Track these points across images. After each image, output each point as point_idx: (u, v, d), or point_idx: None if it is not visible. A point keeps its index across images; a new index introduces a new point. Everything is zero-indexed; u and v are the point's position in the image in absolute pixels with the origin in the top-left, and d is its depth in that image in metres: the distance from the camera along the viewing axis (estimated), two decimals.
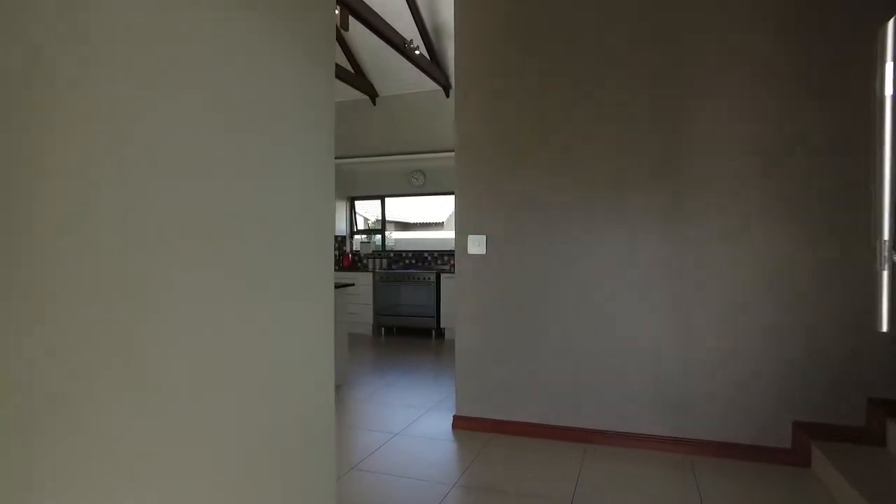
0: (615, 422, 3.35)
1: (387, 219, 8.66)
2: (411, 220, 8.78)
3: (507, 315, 3.54)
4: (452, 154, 7.69)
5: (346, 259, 8.41)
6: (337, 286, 4.90)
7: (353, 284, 5.17)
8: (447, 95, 7.96)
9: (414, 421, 3.94)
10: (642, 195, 3.25)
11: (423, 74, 7.55)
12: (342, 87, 8.15)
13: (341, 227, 8.48)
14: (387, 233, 8.65)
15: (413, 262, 8.25)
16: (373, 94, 8.32)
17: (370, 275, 7.81)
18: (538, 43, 3.48)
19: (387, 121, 8.35)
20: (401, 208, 8.71)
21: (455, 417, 3.73)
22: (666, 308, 3.23)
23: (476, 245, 3.60)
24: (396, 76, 7.95)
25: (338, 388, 4.87)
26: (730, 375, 3.14)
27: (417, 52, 6.56)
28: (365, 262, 8.49)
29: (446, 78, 7.74)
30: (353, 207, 8.78)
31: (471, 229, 3.63)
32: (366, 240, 8.63)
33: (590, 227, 3.36)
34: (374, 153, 8.35)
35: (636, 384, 3.30)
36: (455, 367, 3.75)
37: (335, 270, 8.13)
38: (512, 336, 3.54)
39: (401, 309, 7.63)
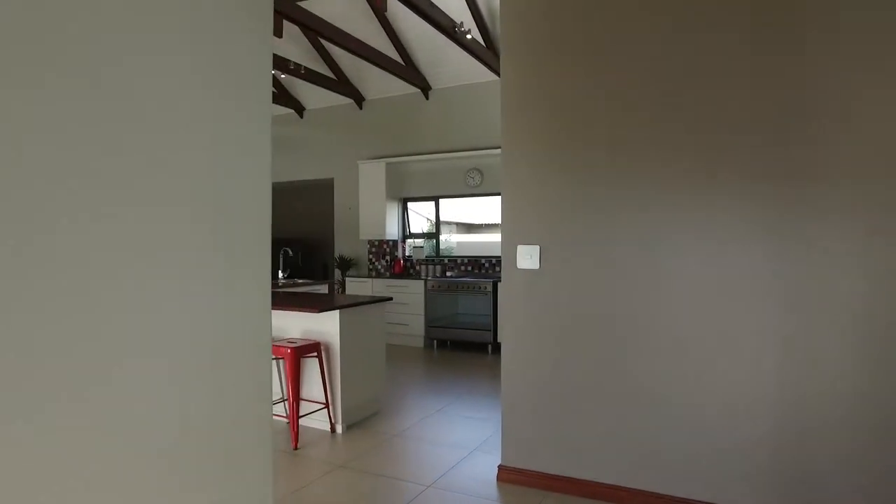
0: (712, 490, 2.56)
1: (441, 221, 8.05)
2: (467, 223, 8.12)
3: (566, 345, 2.82)
4: None
5: (397, 265, 7.86)
6: (375, 300, 4.31)
7: (391, 299, 4.58)
8: None
9: (453, 466, 3.28)
10: (746, 198, 2.45)
11: (478, 63, 6.88)
12: (391, 80, 7.61)
13: (392, 231, 7.94)
14: (441, 237, 8.04)
15: (469, 268, 7.60)
16: (425, 88, 7.73)
17: (422, 282, 7.22)
18: (602, 11, 2.74)
19: (441, 115, 7.74)
20: (456, 210, 8.08)
21: (501, 468, 3.04)
22: (783, 345, 2.41)
23: (527, 257, 2.90)
24: (450, 67, 7.32)
25: (372, 415, 4.28)
26: (882, 441, 2.29)
27: (469, 37, 5.90)
28: (417, 268, 7.91)
29: None
30: (405, 209, 8.22)
31: (521, 238, 2.93)
32: (419, 244, 8.05)
33: (676, 237, 2.59)
34: (427, 151, 7.76)
35: (741, 444, 2.50)
36: (501, 406, 3.06)
37: (386, 277, 7.60)
38: (574, 372, 2.81)
39: (455, 320, 7.00)
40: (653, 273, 2.62)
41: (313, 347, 3.86)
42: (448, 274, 7.58)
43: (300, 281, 6.46)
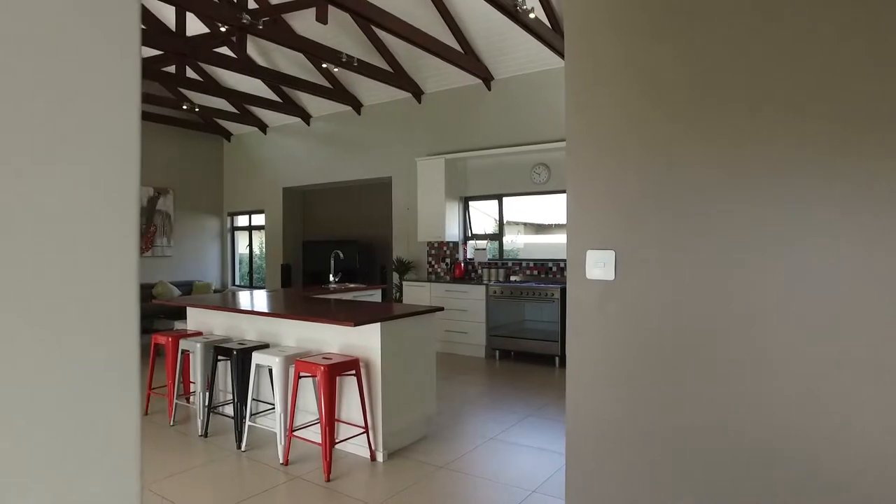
0: None
1: (505, 222, 7.47)
2: (533, 223, 7.51)
3: (649, 380, 2.20)
4: None
5: (458, 268, 7.35)
6: (421, 311, 3.81)
7: (442, 309, 4.07)
8: None
9: None
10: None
11: (543, 48, 6.26)
12: (451, 71, 7.11)
13: (453, 232, 7.44)
14: (505, 238, 7.46)
15: (535, 273, 6.98)
16: (487, 78, 7.18)
17: (483, 287, 6.67)
18: None
19: (504, 107, 7.17)
20: (522, 209, 7.47)
21: None
22: None
23: (599, 265, 2.30)
24: (513, 54, 6.74)
25: (419, 441, 3.77)
26: None
27: (532, 16, 5.30)
28: (479, 272, 7.37)
29: None
30: (466, 209, 7.70)
31: (591, 241, 2.33)
32: (481, 246, 7.51)
33: (809, 241, 1.92)
34: (489, 145, 7.21)
35: None
36: (566, 446, 2.47)
37: (446, 281, 7.11)
38: (657, 413, 2.19)
39: (519, 330, 6.41)
40: (772, 288, 1.95)
41: (351, 364, 3.41)
42: (512, 278, 7.00)
43: (351, 285, 6.08)
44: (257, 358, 3.62)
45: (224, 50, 7.20)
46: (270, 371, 3.68)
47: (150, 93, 8.63)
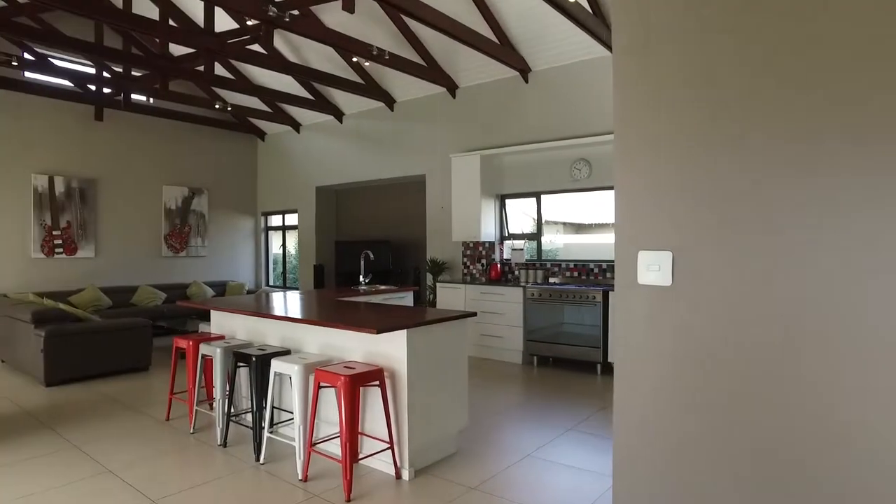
0: None
1: (544, 221, 7.11)
2: (573, 223, 7.13)
3: (713, 404, 1.85)
4: None
5: (494, 269, 7.03)
6: (451, 317, 3.52)
7: (474, 314, 3.76)
8: None
9: None
10: None
11: (584, 36, 5.89)
12: (487, 63, 6.80)
13: (489, 232, 7.12)
14: (544, 238, 7.10)
15: (575, 274, 6.60)
16: (524, 70, 6.84)
17: (520, 290, 6.34)
18: None
19: (542, 100, 6.81)
20: (561, 207, 7.11)
21: None
22: None
23: (653, 269, 1.96)
24: (552, 43, 6.38)
25: (449, 458, 3.48)
26: None
27: (573, 0, 4.95)
28: (516, 273, 7.04)
29: None
30: (503, 207, 7.37)
31: (643, 241, 2.00)
32: (518, 246, 7.17)
33: (889, 249, 1.54)
34: (527, 140, 6.87)
35: None
36: (613, 472, 2.14)
37: (481, 283, 6.80)
38: (722, 447, 1.84)
39: (558, 334, 6.05)
40: (857, 299, 1.58)
41: (375, 374, 3.14)
42: (551, 280, 6.64)
43: (382, 287, 5.83)
44: (276, 365, 3.39)
45: (255, 48, 7.06)
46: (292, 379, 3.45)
47: (184, 92, 8.59)
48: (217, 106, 8.40)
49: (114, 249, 8.68)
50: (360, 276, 5.77)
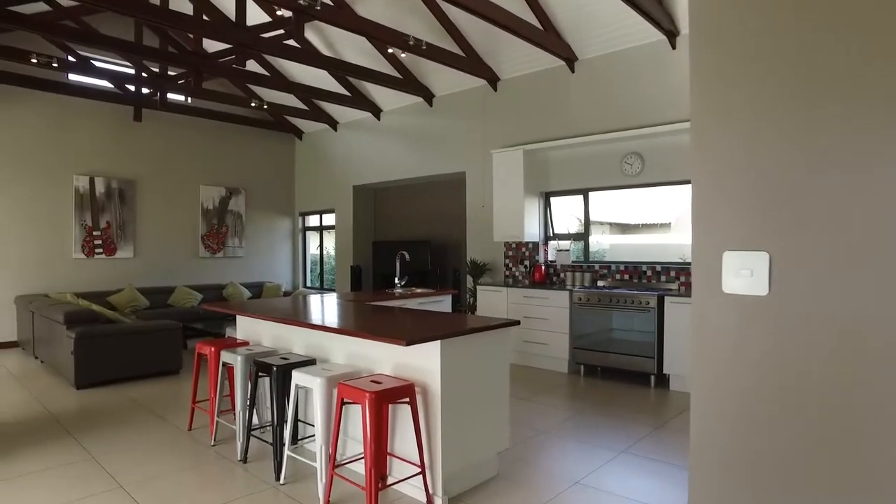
0: None
1: (591, 220, 6.66)
2: (623, 222, 6.64)
3: (810, 431, 1.43)
4: (680, 127, 5.52)
5: (538, 272, 6.61)
6: (491, 326, 3.15)
7: (517, 323, 3.36)
8: (673, 46, 5.69)
9: None
10: None
11: (636, 19, 5.41)
12: (530, 51, 6.40)
13: (533, 232, 6.71)
14: (591, 238, 6.64)
15: (626, 277, 6.13)
16: (570, 58, 6.41)
17: (566, 294, 5.91)
18: None
19: (590, 91, 6.36)
20: (610, 206, 6.63)
21: None
22: None
23: (743, 274, 1.54)
24: (602, 29, 5.93)
25: (487, 483, 3.11)
26: None
27: None
28: (561, 276, 6.60)
29: (671, 20, 5.49)
30: (547, 206, 6.95)
31: (729, 239, 1.58)
32: (563, 247, 6.73)
33: None
34: (574, 134, 6.43)
35: None
36: None
37: (525, 286, 6.40)
38: (827, 483, 1.41)
39: (607, 342, 5.60)
40: None
41: (405, 391, 2.80)
42: (600, 284, 6.19)
43: (419, 290, 5.50)
44: (298, 377, 3.09)
45: (289, 43, 6.84)
46: None
47: (218, 90, 8.48)
48: (253, 104, 8.25)
49: (152, 250, 8.64)
50: (396, 279, 5.46)
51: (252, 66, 8.37)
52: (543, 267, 6.67)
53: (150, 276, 8.58)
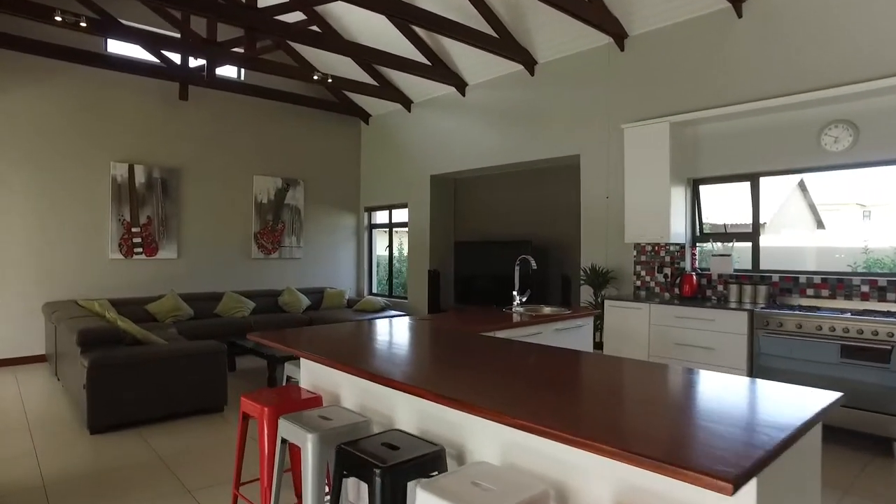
0: None
1: (761, 214, 4.96)
2: (819, 215, 4.92)
3: None
4: None
5: (688, 283, 4.96)
6: (810, 423, 1.55)
7: (842, 398, 1.76)
8: None
9: None
10: None
11: None
12: None
13: (679, 231, 5.07)
14: (764, 238, 4.95)
15: (824, 293, 4.42)
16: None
17: (744, 315, 4.25)
18: None
19: (765, 38, 4.68)
20: (789, 193, 4.93)
21: None
22: None
23: None
24: None
25: None
26: None
27: None
28: (720, 289, 4.93)
29: None
30: (696, 196, 5.29)
31: None
32: (722, 251, 5.07)
33: None
34: (738, 100, 4.77)
35: None
36: None
37: (672, 302, 4.76)
38: None
39: (813, 385, 3.89)
40: None
41: None
42: (777, 300, 4.50)
43: (547, 310, 3.95)
44: (426, 500, 1.59)
45: None
46: None
47: (273, 59, 7.18)
48: (316, 77, 6.90)
49: (198, 250, 7.41)
50: (515, 292, 3.93)
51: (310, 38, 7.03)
52: (695, 276, 5.01)
53: (194, 281, 7.36)
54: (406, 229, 8.38)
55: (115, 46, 6.85)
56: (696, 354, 4.51)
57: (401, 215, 8.57)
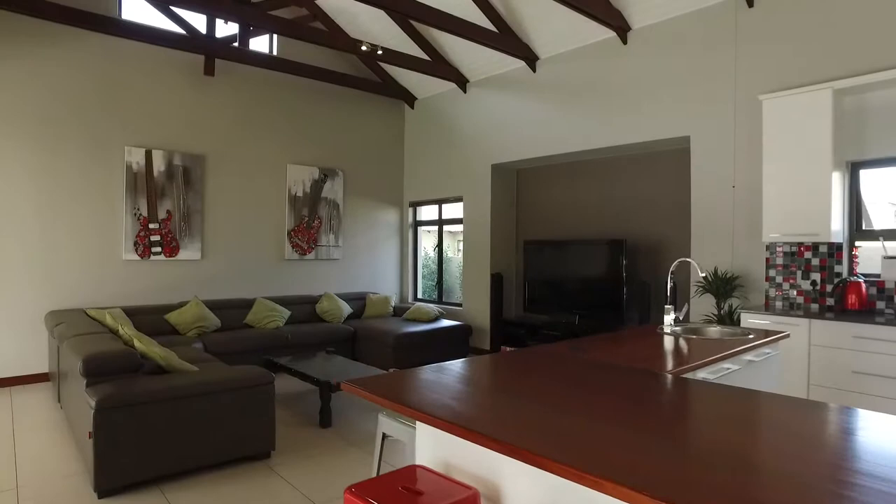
0: None
1: None
2: None
3: None
4: None
5: (854, 292, 3.89)
6: None
7: None
8: None
9: None
10: None
11: None
12: None
13: (836, 227, 4.01)
14: None
15: None
16: None
17: None
18: None
19: None
20: None
21: None
22: None
23: None
24: None
25: None
26: None
27: None
28: None
29: None
30: (855, 184, 4.22)
31: None
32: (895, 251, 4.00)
33: None
34: None
35: None
36: None
37: (826, 316, 3.70)
38: None
39: None
40: None
41: None
42: None
43: (716, 331, 2.90)
44: None
45: None
46: None
47: (309, 24, 6.18)
48: (364, 48, 5.89)
49: (224, 250, 6.43)
50: (671, 307, 2.89)
51: None
52: (863, 284, 3.94)
53: (221, 285, 6.37)
54: (459, 227, 7.35)
55: (130, 11, 5.89)
56: (879, 386, 3.45)
57: (452, 211, 7.54)
